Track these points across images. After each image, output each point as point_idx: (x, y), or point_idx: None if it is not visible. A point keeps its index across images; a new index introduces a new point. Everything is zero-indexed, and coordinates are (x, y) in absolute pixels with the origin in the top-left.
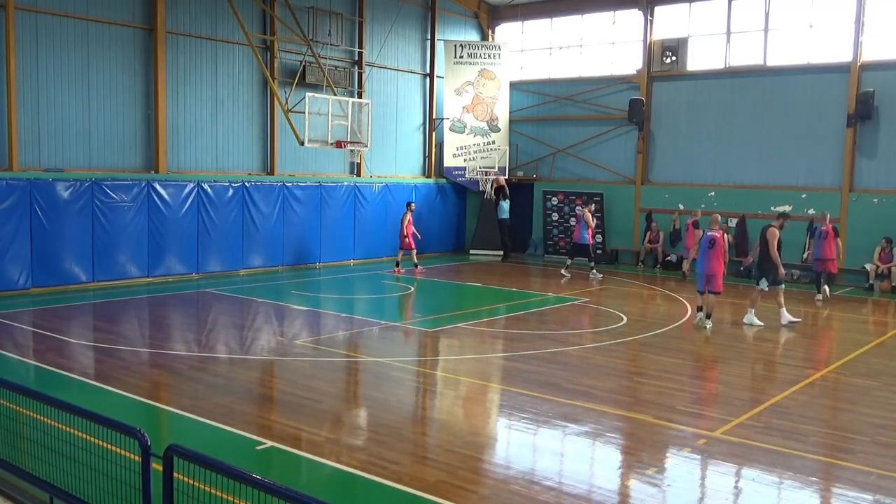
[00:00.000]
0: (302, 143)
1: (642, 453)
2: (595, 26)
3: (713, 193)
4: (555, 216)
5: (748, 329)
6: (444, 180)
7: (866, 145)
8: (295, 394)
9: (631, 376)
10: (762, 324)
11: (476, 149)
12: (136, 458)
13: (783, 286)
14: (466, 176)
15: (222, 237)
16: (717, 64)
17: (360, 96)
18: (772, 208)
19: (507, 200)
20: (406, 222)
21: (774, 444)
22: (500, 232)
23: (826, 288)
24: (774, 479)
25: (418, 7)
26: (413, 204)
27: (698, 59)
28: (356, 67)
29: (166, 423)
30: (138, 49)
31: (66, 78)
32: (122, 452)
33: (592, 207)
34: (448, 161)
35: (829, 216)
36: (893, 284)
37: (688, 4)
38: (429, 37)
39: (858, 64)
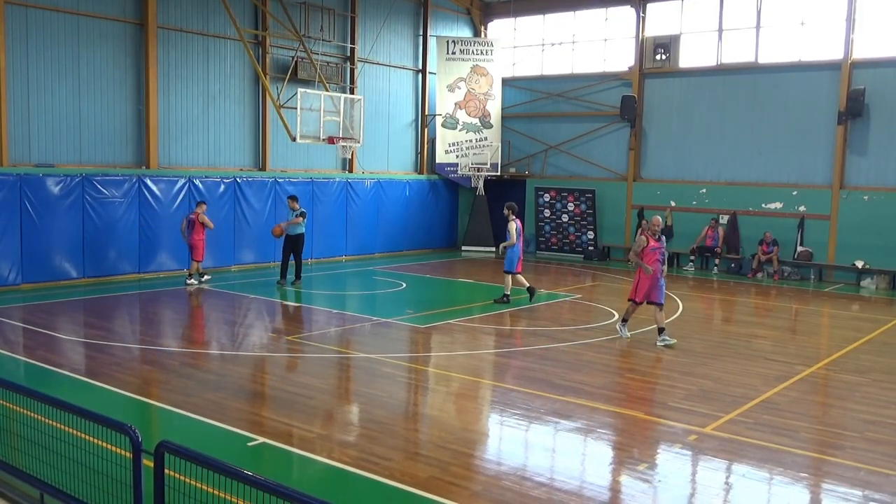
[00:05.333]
0: (294, 139)
1: (633, 449)
2: (587, 23)
3: (704, 190)
4: (546, 213)
5: (738, 326)
6: (436, 176)
7: (857, 143)
8: (286, 390)
9: (622, 372)
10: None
11: (468, 145)
12: (127, 454)
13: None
14: (459, 172)
15: (214, 233)
16: (709, 61)
17: (352, 92)
18: (763, 205)
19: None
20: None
21: (765, 440)
22: (286, 248)
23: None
24: (765, 475)
25: (411, 3)
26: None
27: (690, 57)
28: (348, 63)
29: (157, 420)
30: (129, 44)
31: (57, 73)
32: (113, 449)
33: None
34: (440, 157)
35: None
36: (774, 270)
37: (680, 1)
38: (421, 33)
39: (850, 61)
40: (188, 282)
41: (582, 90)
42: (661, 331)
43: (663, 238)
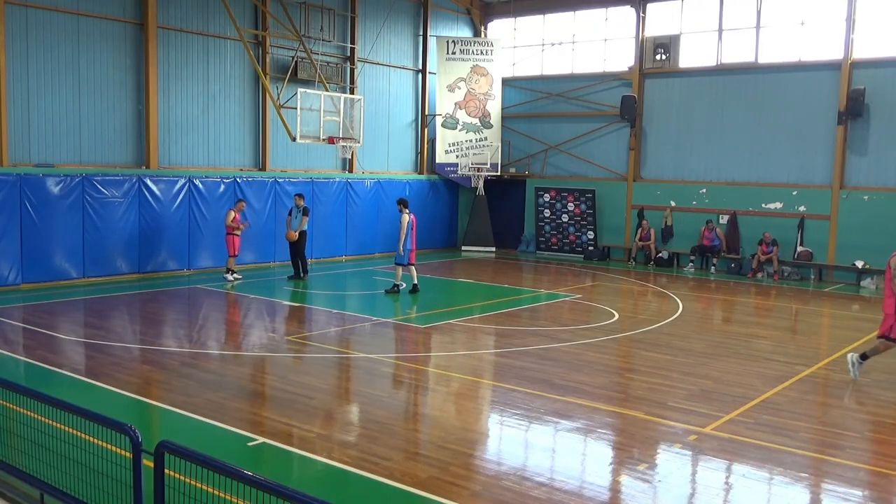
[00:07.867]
0: (294, 139)
1: (633, 449)
2: (587, 23)
3: (704, 190)
4: (546, 213)
5: (738, 326)
6: (436, 176)
7: (857, 143)
8: (286, 390)
9: (622, 372)
10: None
11: (468, 145)
12: (127, 454)
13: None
14: (459, 172)
15: (214, 233)
16: (709, 61)
17: (352, 92)
18: (763, 205)
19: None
20: None
21: (764, 440)
22: (294, 246)
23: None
24: (765, 475)
25: (411, 3)
26: None
27: (690, 57)
28: (348, 63)
29: (157, 420)
30: (129, 44)
31: (57, 73)
32: (114, 449)
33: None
34: (440, 157)
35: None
36: (774, 270)
37: (680, 1)
38: (421, 33)
39: (849, 61)
40: (224, 276)
41: (582, 90)
42: None
43: None
